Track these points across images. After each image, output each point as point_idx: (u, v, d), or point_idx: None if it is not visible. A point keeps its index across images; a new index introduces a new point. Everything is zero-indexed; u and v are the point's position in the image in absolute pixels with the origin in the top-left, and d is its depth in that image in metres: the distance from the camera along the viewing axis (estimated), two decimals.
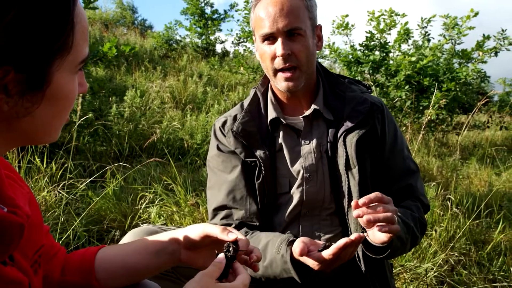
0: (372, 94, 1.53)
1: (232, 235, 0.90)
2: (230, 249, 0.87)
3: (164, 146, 4.33)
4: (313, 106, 1.43)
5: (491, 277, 2.51)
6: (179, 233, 0.98)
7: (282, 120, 1.44)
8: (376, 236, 1.16)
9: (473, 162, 5.11)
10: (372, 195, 1.11)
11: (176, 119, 5.28)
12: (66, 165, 2.73)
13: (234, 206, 1.43)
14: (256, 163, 1.40)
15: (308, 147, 1.43)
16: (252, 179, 1.42)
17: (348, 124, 1.38)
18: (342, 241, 1.08)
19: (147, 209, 2.71)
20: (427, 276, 2.32)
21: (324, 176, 1.42)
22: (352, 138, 1.36)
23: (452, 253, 2.56)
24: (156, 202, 2.75)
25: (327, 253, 1.09)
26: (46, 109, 0.65)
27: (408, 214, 1.36)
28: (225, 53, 11.50)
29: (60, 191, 2.54)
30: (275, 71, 1.37)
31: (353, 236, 1.08)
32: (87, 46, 0.69)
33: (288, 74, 1.35)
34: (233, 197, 1.43)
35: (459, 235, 2.72)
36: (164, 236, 0.99)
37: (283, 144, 1.45)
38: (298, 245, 1.13)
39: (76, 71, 0.68)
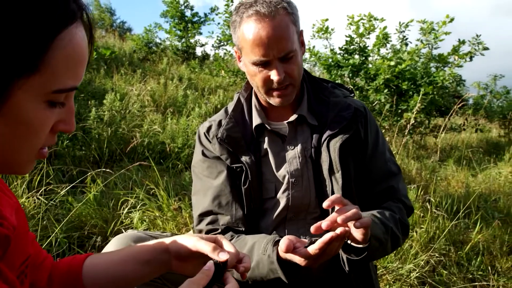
0: (354, 97, 1.56)
1: (223, 255, 0.87)
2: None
3: (145, 150, 4.28)
4: (298, 112, 1.44)
5: (470, 276, 2.57)
6: (170, 243, 0.95)
7: (267, 126, 1.45)
8: (353, 235, 1.16)
9: (450, 164, 5.23)
10: (333, 197, 1.12)
11: (157, 122, 5.23)
12: (44, 171, 2.67)
13: (220, 212, 1.42)
14: (242, 169, 1.40)
15: (293, 152, 1.44)
16: (237, 185, 1.42)
17: (331, 130, 1.39)
18: (328, 236, 1.07)
19: (129, 214, 2.68)
20: (409, 277, 2.36)
21: (309, 180, 1.43)
22: (335, 143, 1.37)
23: (432, 254, 2.61)
24: (138, 207, 2.72)
25: (313, 248, 1.09)
26: (3, 132, 0.59)
27: (387, 214, 1.37)
28: (205, 56, 11.46)
29: (39, 197, 2.48)
30: (268, 90, 1.37)
31: (338, 230, 1.08)
32: (74, 79, 0.63)
33: (281, 92, 1.36)
34: (218, 202, 1.42)
35: (438, 236, 2.78)
36: (154, 245, 0.97)
37: (268, 150, 1.45)
38: (284, 242, 1.12)
39: (46, 100, 0.61)
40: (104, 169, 2.78)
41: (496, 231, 3.12)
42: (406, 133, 4.76)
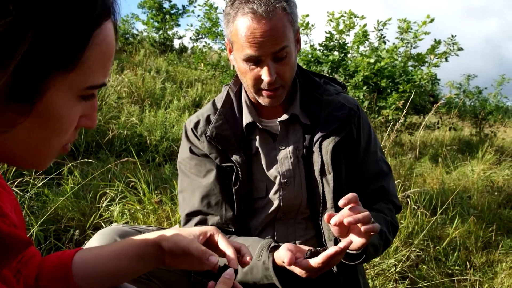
0: (346, 93, 1.54)
1: (213, 258, 0.87)
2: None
3: (122, 142, 4.19)
4: (290, 111, 1.40)
5: (448, 271, 2.62)
6: (163, 240, 0.92)
7: (258, 124, 1.41)
8: (353, 241, 1.16)
9: (426, 161, 5.33)
10: (350, 195, 1.11)
11: (134, 114, 5.13)
12: None
13: (209, 212, 1.38)
14: (233, 168, 1.36)
15: (284, 152, 1.41)
16: (227, 184, 1.38)
17: (324, 130, 1.36)
18: (332, 250, 1.06)
19: (109, 207, 2.60)
20: (391, 271, 2.38)
21: (301, 181, 1.41)
22: (328, 145, 1.34)
23: (413, 249, 2.65)
24: (118, 199, 2.65)
25: (315, 262, 1.08)
26: (34, 129, 0.58)
27: (381, 219, 1.37)
28: (183, 48, 11.33)
29: (14, 188, 2.38)
30: (258, 90, 1.32)
31: (342, 244, 1.07)
32: (104, 76, 0.63)
33: (271, 93, 1.30)
34: (208, 202, 1.38)
35: (417, 231, 2.82)
36: (146, 240, 0.93)
37: (259, 148, 1.41)
38: (286, 255, 1.10)
39: (78, 95, 0.61)
40: (84, 160, 2.69)
41: (471, 226, 3.20)
42: (388, 130, 4.82)
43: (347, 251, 1.23)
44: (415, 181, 4.28)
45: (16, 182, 2.38)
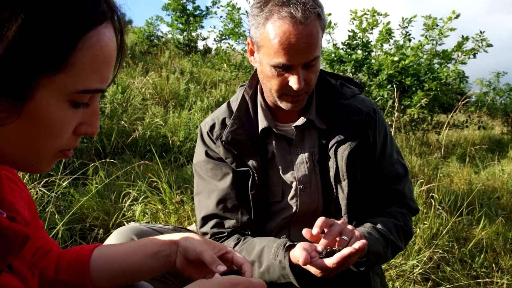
0: (363, 94, 1.51)
1: (221, 267, 0.88)
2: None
3: (147, 143, 4.26)
4: (306, 116, 1.39)
5: (473, 273, 2.56)
6: (180, 239, 0.95)
7: (274, 129, 1.40)
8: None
9: (453, 161, 5.21)
10: (318, 221, 1.12)
11: (159, 116, 5.21)
12: None
13: (225, 216, 1.39)
14: (249, 173, 1.35)
15: (300, 157, 1.40)
16: (243, 188, 1.38)
17: (340, 136, 1.34)
18: (347, 251, 1.06)
19: (131, 207, 2.66)
20: (412, 273, 2.34)
21: (317, 186, 1.40)
22: (343, 151, 1.33)
23: (436, 250, 2.59)
24: (140, 199, 2.70)
25: (330, 262, 1.07)
26: (25, 129, 0.58)
27: (390, 224, 1.35)
28: (207, 50, 11.43)
29: (41, 188, 2.46)
30: (282, 95, 1.30)
31: (356, 245, 1.07)
32: (100, 81, 0.62)
33: (295, 98, 1.29)
34: (224, 206, 1.38)
35: (442, 232, 2.76)
36: (163, 238, 0.96)
37: (275, 153, 1.41)
38: (301, 254, 1.10)
39: (69, 99, 0.60)
40: (108, 160, 2.76)
41: (499, 228, 3.11)
42: (407, 129, 4.73)
43: None
44: (441, 181, 4.19)
45: (42, 182, 2.46)
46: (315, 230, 1.09)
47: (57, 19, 0.54)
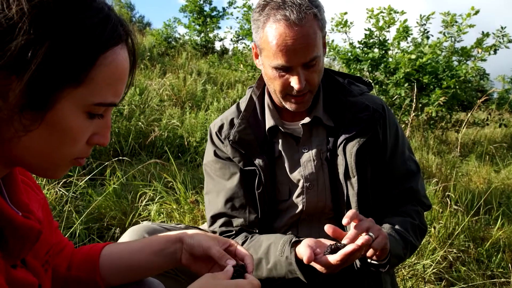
0: (372, 92, 1.52)
1: (231, 261, 0.93)
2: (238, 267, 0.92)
3: (164, 144, 4.33)
4: (313, 114, 1.40)
5: (489, 273, 2.52)
6: (185, 236, 0.99)
7: (281, 128, 1.42)
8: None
9: (472, 160, 5.12)
10: (349, 213, 1.13)
11: (176, 117, 5.28)
12: None
13: (233, 215, 1.42)
14: (256, 172, 1.38)
15: (307, 155, 1.41)
16: (250, 187, 1.41)
17: (348, 132, 1.36)
18: (350, 247, 1.08)
19: (147, 206, 2.72)
20: (426, 272, 2.33)
21: (324, 184, 1.41)
22: (352, 148, 1.34)
23: (451, 249, 2.57)
24: (156, 199, 2.76)
25: (334, 259, 1.09)
26: (44, 136, 0.65)
27: (407, 224, 1.36)
28: (224, 50, 11.49)
29: (60, 189, 2.54)
30: (286, 95, 1.33)
31: (359, 241, 1.09)
32: (114, 95, 0.69)
33: (299, 99, 1.32)
34: (232, 205, 1.41)
35: (458, 232, 2.73)
36: (168, 235, 1.00)
37: (282, 152, 1.43)
38: (305, 252, 1.12)
39: (86, 110, 0.67)
40: (124, 158, 2.82)
41: None
42: (425, 128, 4.68)
43: (371, 261, 1.25)
44: (459, 180, 4.13)
45: (61, 183, 2.54)
46: (345, 220, 1.11)
47: (80, 40, 0.62)
